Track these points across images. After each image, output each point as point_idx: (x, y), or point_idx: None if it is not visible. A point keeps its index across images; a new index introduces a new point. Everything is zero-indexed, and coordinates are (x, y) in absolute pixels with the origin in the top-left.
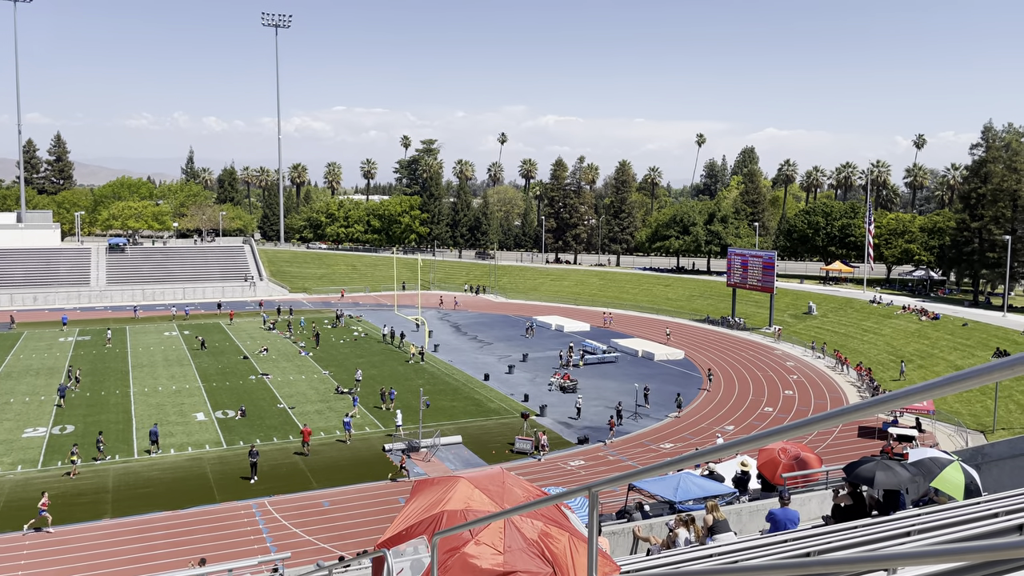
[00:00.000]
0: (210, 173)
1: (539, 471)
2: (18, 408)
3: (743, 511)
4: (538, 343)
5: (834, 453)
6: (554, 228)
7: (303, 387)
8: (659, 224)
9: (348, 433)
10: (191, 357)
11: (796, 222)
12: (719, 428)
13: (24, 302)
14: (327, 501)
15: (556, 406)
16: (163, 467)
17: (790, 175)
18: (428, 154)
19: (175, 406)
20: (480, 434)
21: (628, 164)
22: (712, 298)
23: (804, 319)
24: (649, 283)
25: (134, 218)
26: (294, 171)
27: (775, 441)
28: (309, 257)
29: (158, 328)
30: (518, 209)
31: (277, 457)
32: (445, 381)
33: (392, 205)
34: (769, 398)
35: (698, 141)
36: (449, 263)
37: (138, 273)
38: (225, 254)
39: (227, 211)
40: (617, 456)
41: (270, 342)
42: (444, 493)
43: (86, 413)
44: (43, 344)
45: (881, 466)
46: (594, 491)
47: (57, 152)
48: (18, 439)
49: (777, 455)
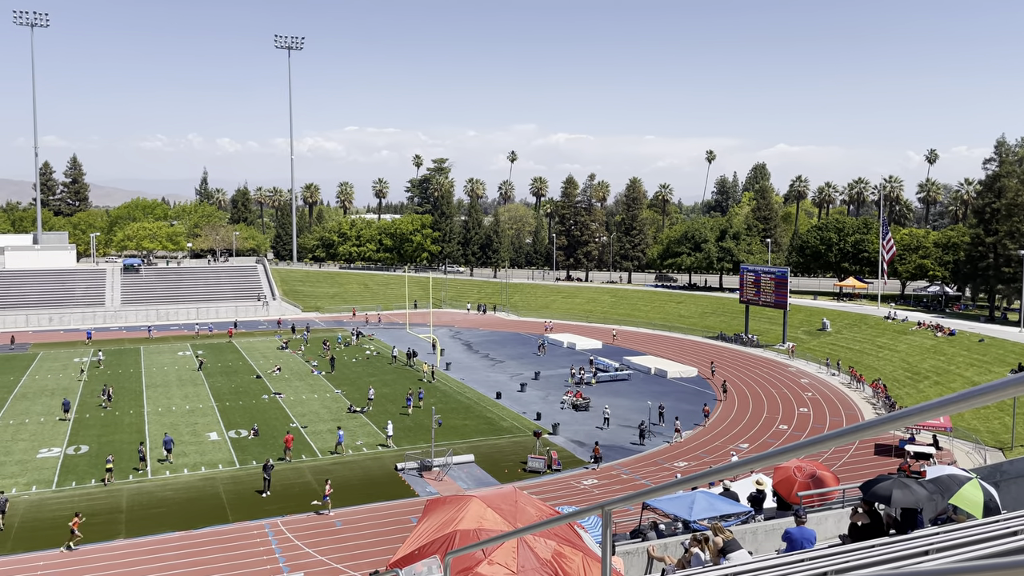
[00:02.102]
0: (224, 194)
1: (552, 490)
2: (33, 428)
3: (759, 530)
4: (550, 361)
5: (850, 471)
6: (565, 246)
7: (316, 406)
8: (671, 241)
9: (339, 446)
10: (204, 377)
11: (809, 238)
12: (734, 446)
13: (40, 323)
14: (340, 521)
15: (569, 424)
16: (176, 487)
17: (802, 191)
18: (439, 173)
19: (188, 426)
20: (492, 453)
21: (639, 181)
22: (725, 315)
23: (818, 335)
24: (661, 300)
25: (148, 239)
26: (307, 191)
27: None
28: (321, 276)
29: (172, 348)
30: (529, 227)
31: (290, 477)
32: (457, 400)
33: (404, 224)
34: (784, 415)
35: (708, 158)
36: (461, 281)
37: (152, 293)
38: (238, 274)
39: (240, 231)
40: (630, 475)
41: (283, 361)
42: (456, 512)
43: (100, 433)
44: (58, 365)
45: (898, 484)
46: (607, 510)
47: (73, 174)
48: (33, 459)
49: (793, 473)
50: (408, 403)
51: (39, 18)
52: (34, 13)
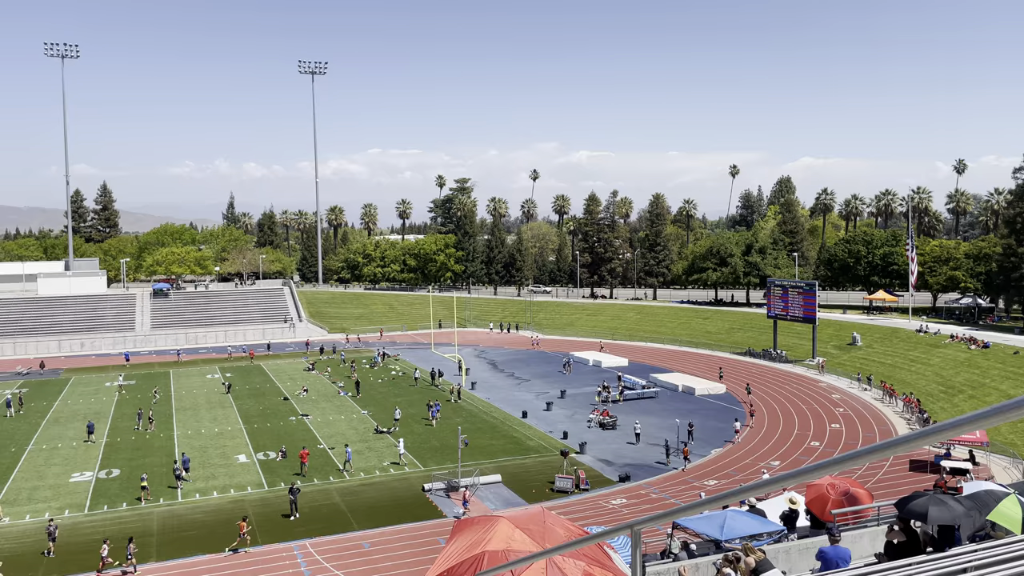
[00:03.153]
0: (250, 218)
1: (580, 510)
2: (66, 453)
3: (792, 549)
4: (576, 379)
5: (885, 488)
6: (589, 263)
7: (343, 427)
8: (695, 256)
9: (347, 464)
10: (232, 399)
11: (836, 251)
12: (764, 464)
13: (72, 348)
14: (368, 542)
15: (596, 443)
16: (207, 510)
17: (828, 204)
18: (462, 193)
19: (217, 448)
20: (519, 473)
21: (662, 197)
22: (752, 330)
23: (848, 350)
24: (687, 316)
25: (177, 263)
26: (331, 213)
27: (823, 475)
28: (347, 297)
29: (200, 371)
30: (552, 245)
31: (318, 498)
32: (483, 419)
33: (427, 244)
34: (815, 432)
35: (732, 172)
36: (485, 300)
37: (181, 317)
38: (265, 297)
39: (267, 254)
40: (660, 494)
41: (310, 382)
42: (485, 533)
43: (131, 456)
44: (90, 389)
45: (934, 500)
46: (636, 529)
47: (103, 201)
48: (66, 484)
49: (826, 491)
50: (433, 413)
51: (69, 49)
52: (64, 45)
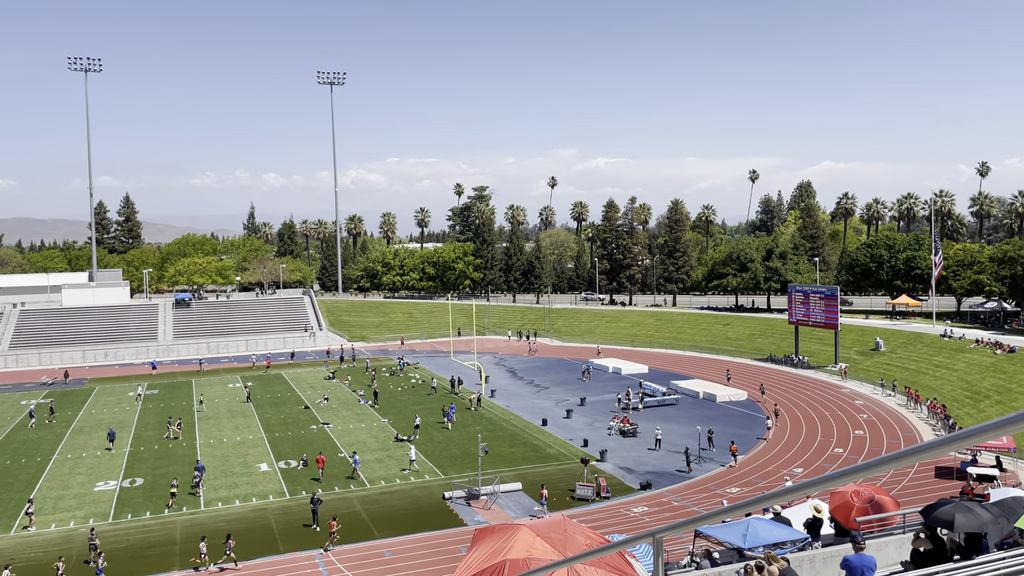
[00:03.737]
0: (270, 227)
1: (601, 518)
2: (90, 462)
3: (816, 557)
4: (595, 386)
5: (910, 495)
6: (608, 270)
7: (363, 435)
8: (715, 262)
9: (354, 469)
10: (254, 408)
11: (858, 256)
12: (787, 471)
13: (96, 358)
14: (389, 551)
15: (616, 451)
16: (229, 518)
17: (849, 208)
18: (480, 200)
19: (239, 457)
20: (540, 480)
21: (681, 203)
22: (774, 336)
23: (871, 356)
24: (708, 322)
25: (199, 273)
26: (350, 222)
27: (847, 483)
28: (366, 306)
29: (222, 380)
30: (571, 252)
31: (339, 506)
32: (503, 427)
33: (446, 252)
34: (839, 439)
35: (752, 177)
36: (504, 308)
37: (203, 327)
38: (286, 306)
39: (287, 264)
40: (681, 502)
41: (330, 391)
42: (506, 541)
43: (155, 466)
44: (114, 399)
45: (961, 508)
46: (658, 537)
47: (126, 212)
48: (90, 492)
49: (850, 498)
50: (448, 415)
51: (92, 63)
52: (87, 59)
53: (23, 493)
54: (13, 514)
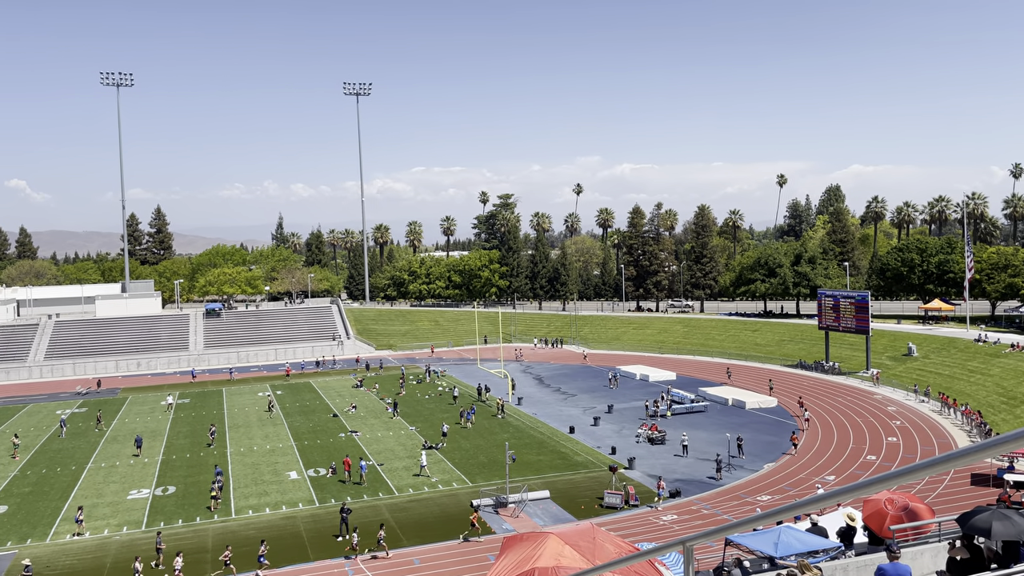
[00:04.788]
0: (298, 237)
1: (630, 526)
2: (124, 471)
3: (849, 566)
4: (623, 394)
5: (946, 503)
6: (634, 276)
7: (391, 443)
8: (743, 268)
9: (361, 475)
10: (283, 416)
11: (889, 260)
12: (819, 478)
13: (128, 368)
14: (418, 559)
15: (645, 458)
16: (259, 526)
17: (879, 212)
18: (505, 208)
19: (269, 465)
20: (568, 488)
21: (707, 208)
22: (804, 342)
23: (904, 361)
24: (736, 329)
25: (229, 283)
26: (377, 231)
27: (880, 490)
28: (393, 314)
29: (252, 389)
30: (596, 259)
31: (368, 514)
32: (530, 435)
33: (472, 260)
34: (871, 446)
35: (779, 182)
36: (530, 315)
37: (233, 336)
38: (314, 315)
39: (315, 273)
40: (711, 510)
41: (358, 399)
42: (534, 550)
43: (186, 474)
44: (146, 408)
45: (998, 515)
46: (689, 546)
47: (157, 224)
48: (123, 501)
49: (884, 506)
50: (468, 416)
51: (124, 78)
52: (119, 74)
53: (58, 502)
54: (49, 522)
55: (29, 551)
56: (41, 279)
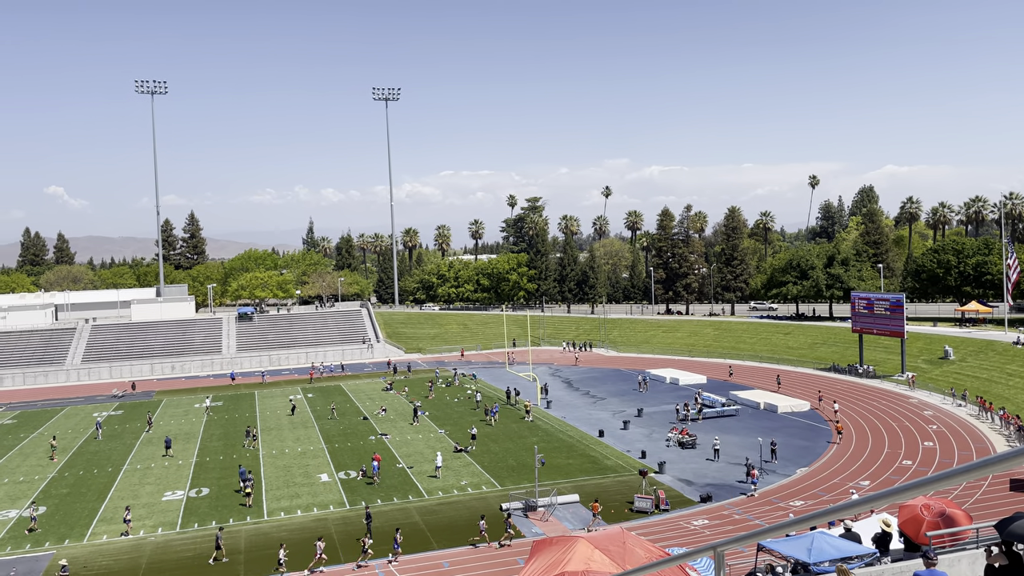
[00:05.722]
0: (329, 242)
1: (660, 531)
2: (158, 472)
3: (885, 573)
4: (653, 397)
5: (984, 508)
6: (663, 279)
7: (420, 446)
8: (774, 270)
9: (375, 474)
10: (315, 419)
11: (924, 262)
12: (853, 484)
13: (163, 371)
14: (447, 562)
15: (675, 463)
16: (291, 528)
17: (914, 213)
18: (533, 211)
19: (301, 467)
20: (597, 492)
21: (738, 210)
22: (837, 345)
23: (940, 364)
24: (767, 331)
25: (260, 288)
26: (406, 235)
27: (916, 495)
28: (422, 318)
29: (284, 392)
30: (625, 261)
31: (398, 517)
32: (559, 438)
33: (500, 263)
34: (907, 450)
35: (811, 183)
36: (558, 318)
37: (265, 340)
38: (344, 318)
39: (345, 277)
40: (743, 515)
41: (388, 402)
42: (564, 554)
43: (220, 476)
44: (180, 411)
45: None
46: (720, 551)
47: (191, 230)
48: (159, 502)
49: (920, 512)
50: (492, 413)
51: (158, 86)
52: (154, 82)
53: (95, 503)
54: (86, 523)
55: (67, 551)
56: (78, 284)
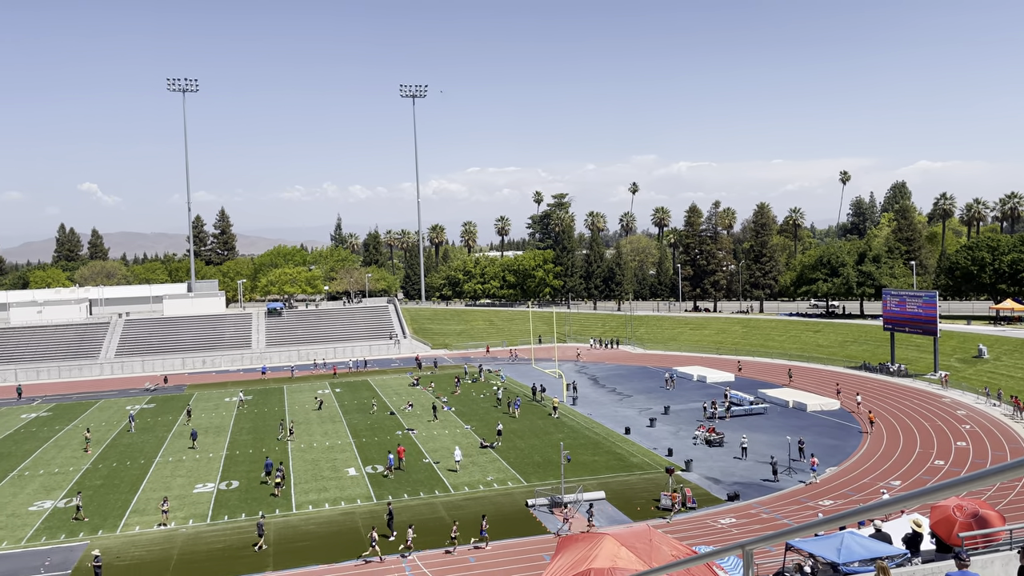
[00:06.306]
0: (356, 238)
1: (686, 529)
2: (190, 465)
3: (917, 573)
4: (680, 395)
5: (1018, 509)
6: (691, 276)
7: (447, 442)
8: (804, 267)
9: (389, 468)
10: (342, 414)
11: (958, 259)
12: (884, 484)
13: (194, 365)
14: (473, 557)
15: (703, 460)
16: (319, 521)
17: (948, 209)
18: (559, 208)
19: (328, 461)
20: (623, 490)
21: (767, 206)
22: (868, 343)
23: (974, 363)
24: (797, 329)
25: (289, 283)
26: (432, 232)
27: (949, 496)
28: (449, 314)
29: (312, 387)
30: (652, 258)
31: (424, 512)
32: (585, 435)
33: (526, 260)
34: (939, 450)
35: (842, 179)
36: (584, 315)
37: (293, 335)
38: (371, 314)
39: (372, 273)
40: (771, 514)
41: (414, 398)
42: (590, 550)
43: (249, 469)
44: (211, 404)
45: None
46: (748, 550)
47: (221, 226)
48: (190, 494)
49: (952, 512)
50: (515, 405)
51: (190, 84)
52: (185, 80)
53: (127, 495)
54: (119, 514)
55: (100, 542)
56: (112, 279)
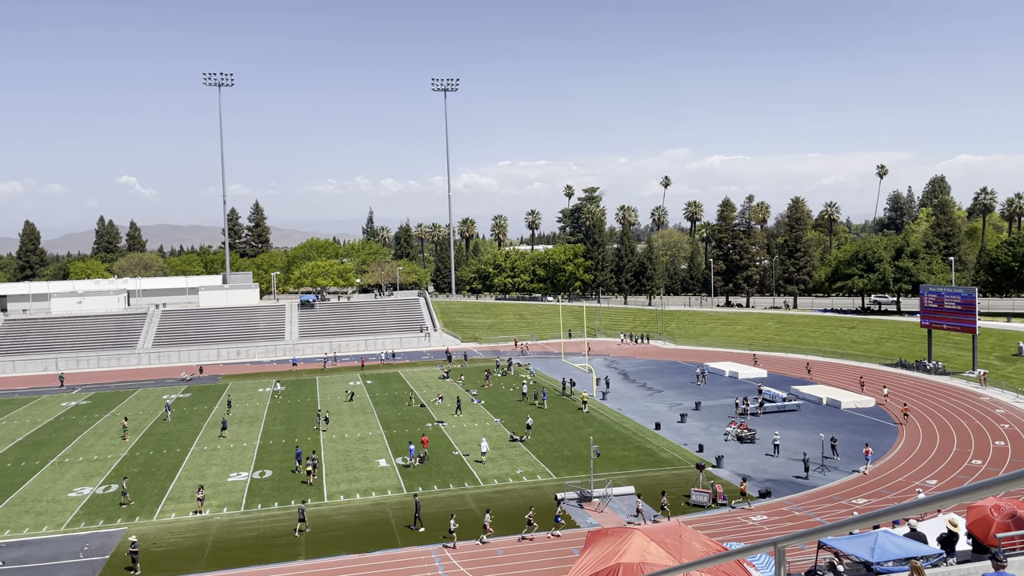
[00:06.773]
0: (388, 231)
1: (717, 525)
2: (224, 454)
3: (952, 574)
4: (711, 391)
5: None
6: (723, 271)
7: (476, 435)
8: (839, 262)
9: (411, 458)
10: (373, 405)
11: (999, 255)
12: (920, 483)
13: (229, 356)
14: (502, 549)
15: (733, 457)
16: (350, 511)
17: (988, 204)
18: (590, 202)
19: (360, 452)
20: (653, 485)
21: (802, 201)
22: (904, 340)
23: (1014, 361)
24: (832, 325)
25: (322, 276)
26: (463, 225)
27: (986, 496)
28: (479, 307)
29: (344, 378)
30: (684, 252)
31: (453, 504)
32: (615, 430)
33: (556, 254)
34: (977, 450)
35: (879, 173)
36: (615, 309)
37: (325, 327)
38: (402, 307)
39: (403, 266)
40: (803, 511)
41: (444, 390)
42: (619, 545)
43: (282, 459)
44: (245, 395)
45: None
46: (780, 547)
47: (256, 219)
48: (224, 483)
49: (990, 512)
50: (543, 397)
51: (225, 78)
52: (220, 74)
53: (164, 482)
54: (155, 501)
55: (137, 528)
56: (149, 271)
